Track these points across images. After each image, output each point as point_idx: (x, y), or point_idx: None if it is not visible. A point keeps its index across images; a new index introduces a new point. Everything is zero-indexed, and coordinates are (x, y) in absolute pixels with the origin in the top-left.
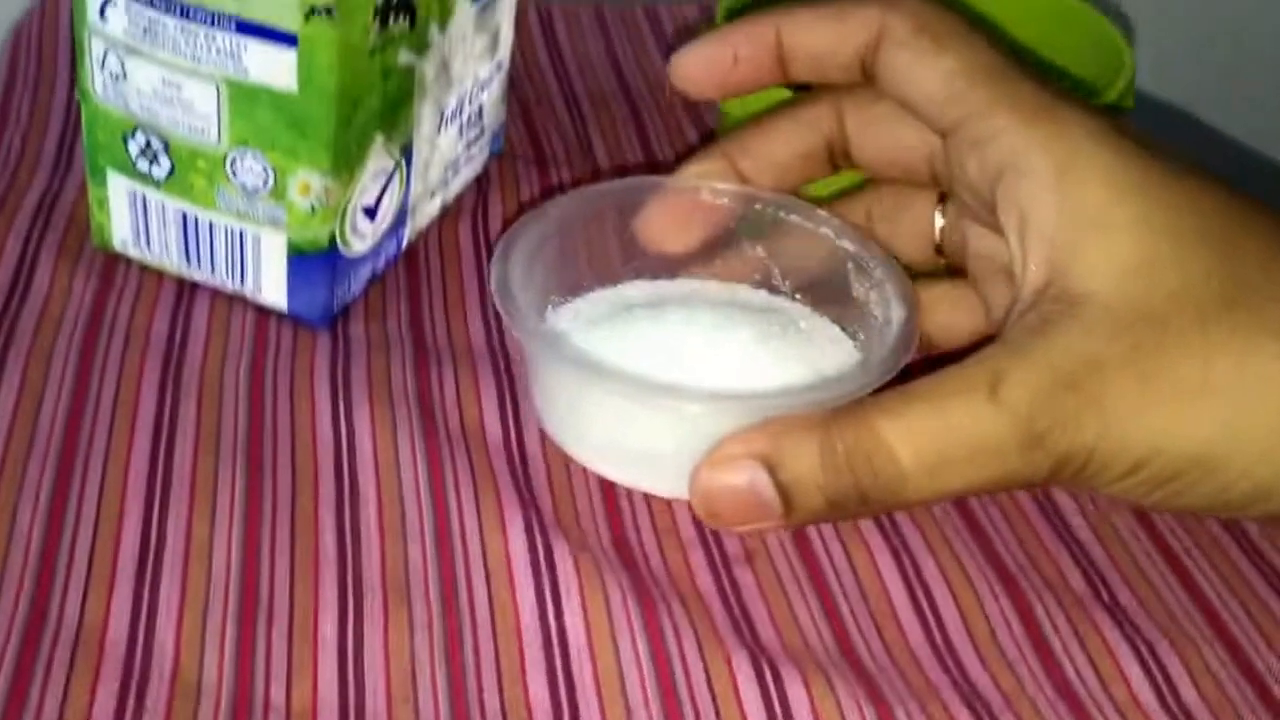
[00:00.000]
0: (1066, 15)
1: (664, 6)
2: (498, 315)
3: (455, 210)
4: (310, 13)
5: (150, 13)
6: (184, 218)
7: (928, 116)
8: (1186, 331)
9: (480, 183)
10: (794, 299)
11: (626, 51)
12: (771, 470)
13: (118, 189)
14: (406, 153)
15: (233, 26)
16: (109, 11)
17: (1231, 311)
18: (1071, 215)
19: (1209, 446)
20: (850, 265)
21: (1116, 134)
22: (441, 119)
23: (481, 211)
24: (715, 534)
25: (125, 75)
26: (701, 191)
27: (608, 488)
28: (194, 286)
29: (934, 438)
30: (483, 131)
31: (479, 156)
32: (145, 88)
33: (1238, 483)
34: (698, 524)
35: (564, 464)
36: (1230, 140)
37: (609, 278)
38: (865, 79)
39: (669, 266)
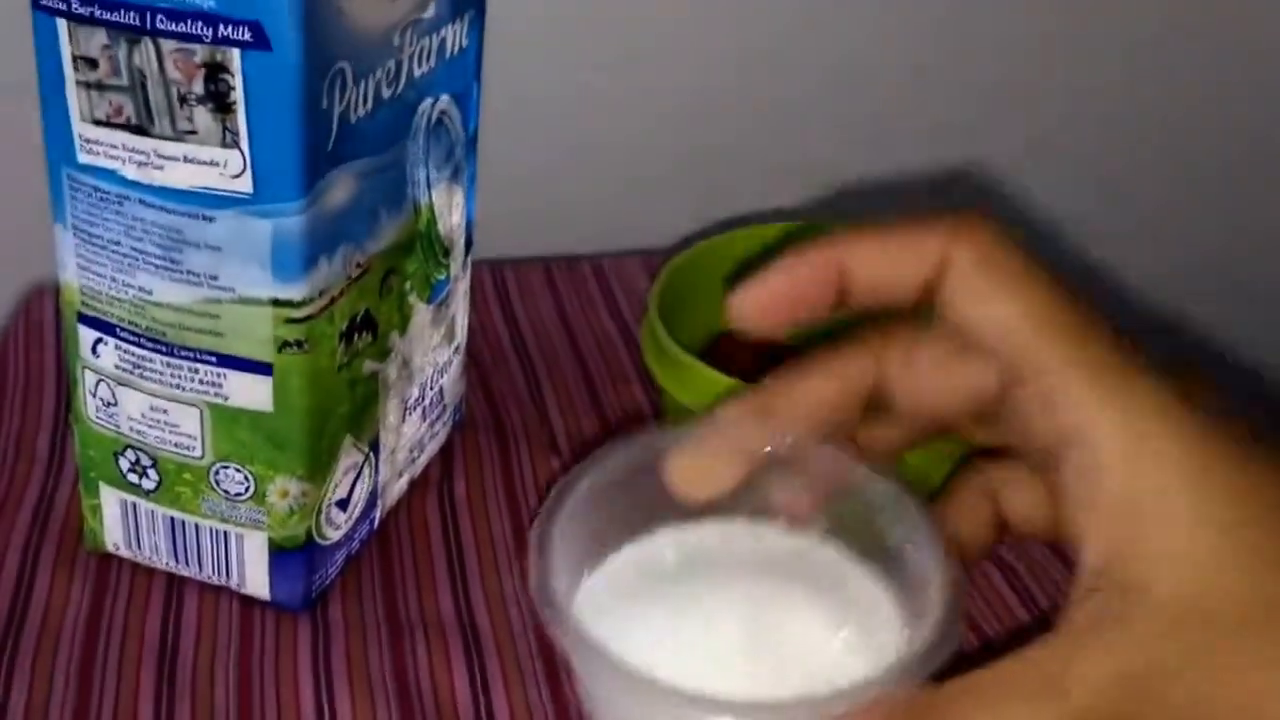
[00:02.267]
0: None
1: (607, 260)
2: (465, 588)
3: (423, 483)
4: (283, 346)
5: (139, 351)
6: (172, 523)
7: (992, 359)
8: (1240, 638)
9: (445, 454)
10: (824, 541)
11: (574, 306)
12: None
13: (109, 499)
14: (374, 445)
15: (214, 360)
16: (100, 349)
17: None
18: (1134, 502)
19: None
20: (883, 509)
21: (1186, 409)
22: (405, 409)
23: (447, 483)
24: None
25: (116, 402)
26: (729, 433)
27: None
28: (183, 581)
29: None
30: (444, 409)
31: (442, 431)
32: (134, 413)
33: None
34: None
35: None
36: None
37: (640, 532)
38: (929, 301)
39: (697, 509)
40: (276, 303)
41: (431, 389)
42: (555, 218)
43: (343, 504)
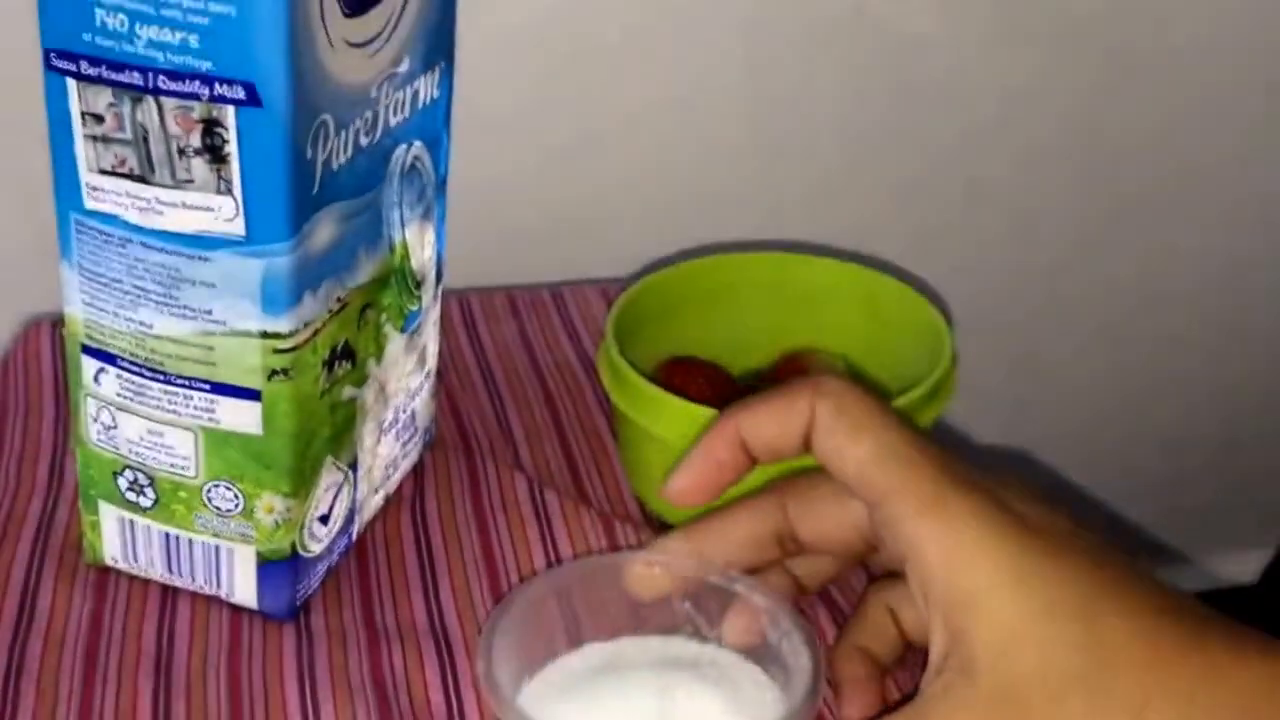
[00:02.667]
0: (895, 296)
1: (567, 289)
2: (437, 597)
3: (397, 500)
4: (271, 374)
5: (137, 380)
6: (167, 537)
7: (854, 493)
8: (1051, 705)
9: (417, 471)
10: (721, 647)
11: (536, 331)
12: None
13: (108, 515)
14: (353, 464)
15: (207, 387)
16: (102, 378)
17: (1088, 685)
18: (958, 600)
19: None
20: (765, 617)
21: (998, 515)
22: (381, 431)
23: (419, 500)
24: None
25: (116, 426)
26: (668, 561)
27: None
28: (176, 591)
29: None
30: (416, 430)
31: (415, 450)
32: (133, 436)
33: None
34: None
35: None
36: None
37: (572, 644)
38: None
39: (616, 629)
40: (265, 335)
41: (405, 412)
42: (519, 249)
43: (324, 519)
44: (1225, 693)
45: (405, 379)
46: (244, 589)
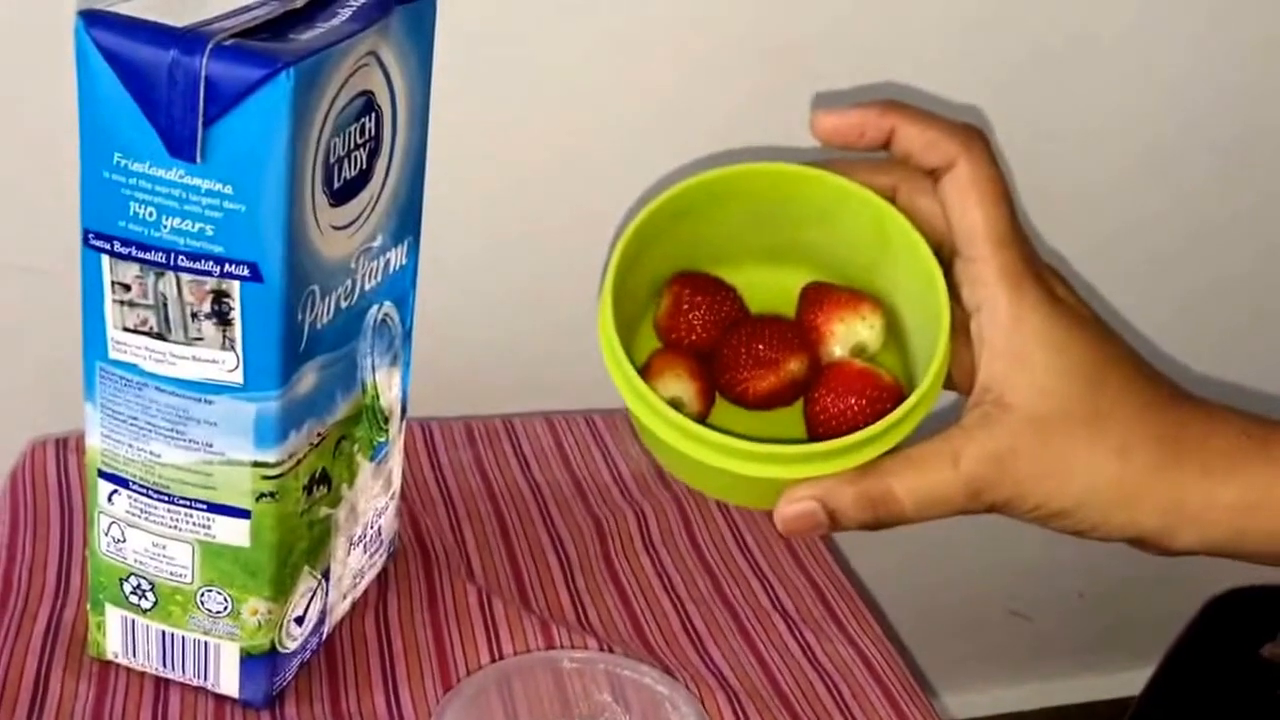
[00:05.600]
0: (909, 249)
1: (517, 420)
2: (395, 690)
3: (363, 603)
4: (259, 497)
5: (146, 500)
6: (163, 635)
7: (957, 233)
8: (1064, 437)
9: (380, 579)
10: None
11: (489, 457)
12: (822, 504)
13: (113, 616)
14: (326, 573)
15: (205, 507)
16: (115, 498)
17: (1089, 427)
18: (1011, 353)
19: (1073, 501)
20: (666, 703)
21: (1050, 298)
22: (350, 544)
23: (382, 605)
24: None
25: (125, 540)
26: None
27: None
28: (168, 683)
29: (921, 492)
30: (382, 542)
31: (379, 560)
32: (139, 548)
33: (1090, 520)
34: None
35: None
36: None
37: None
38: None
39: (549, 716)
40: (256, 464)
41: (371, 528)
42: (477, 386)
43: (299, 620)
44: (1190, 439)
45: (373, 500)
46: (228, 680)
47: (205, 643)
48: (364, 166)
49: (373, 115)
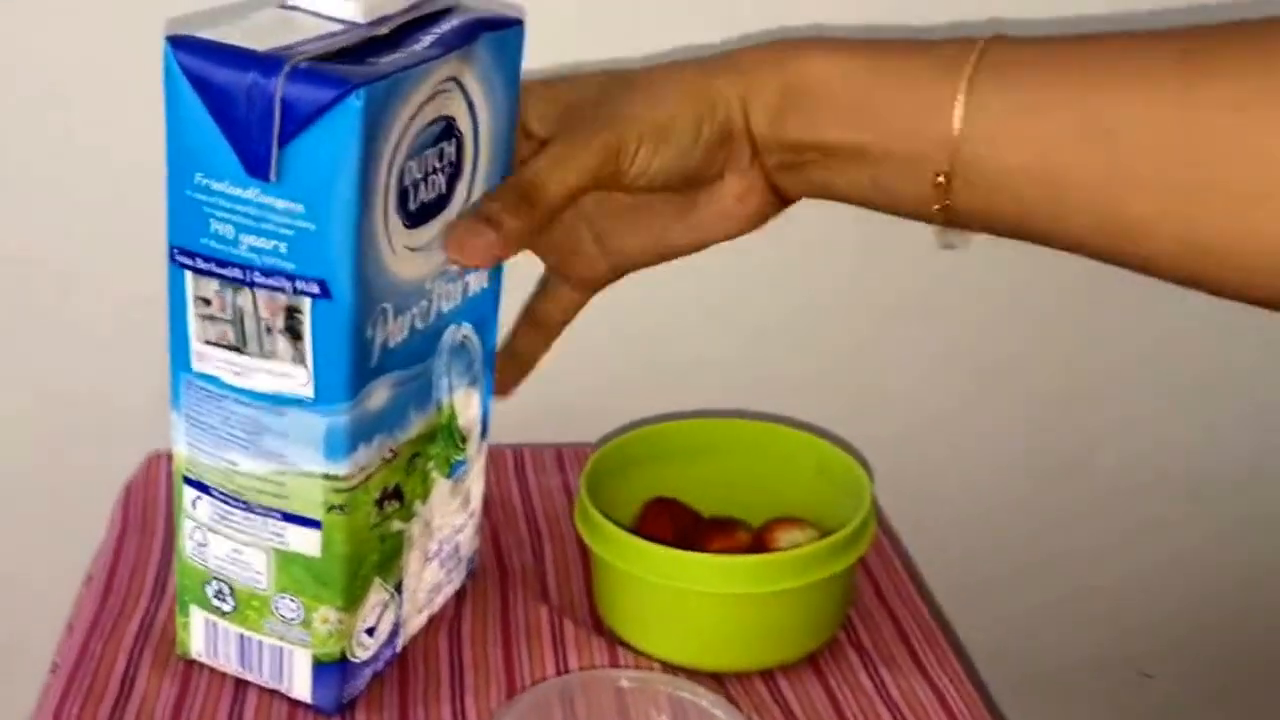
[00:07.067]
0: (825, 456)
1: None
2: (462, 706)
3: (439, 618)
4: (330, 508)
5: (225, 507)
6: (241, 638)
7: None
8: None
9: (459, 596)
10: None
11: (577, 483)
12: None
13: (197, 617)
14: (398, 586)
15: (279, 516)
16: (198, 504)
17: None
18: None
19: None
20: None
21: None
22: (425, 559)
23: (457, 623)
24: None
25: (207, 544)
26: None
27: None
28: (246, 684)
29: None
30: (459, 560)
31: (457, 578)
32: (220, 553)
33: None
34: None
35: None
36: None
37: None
38: None
39: None
40: (327, 476)
41: (448, 544)
42: (567, 412)
43: (370, 631)
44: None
45: (450, 517)
46: (301, 686)
47: (280, 648)
48: (443, 190)
49: (453, 140)
